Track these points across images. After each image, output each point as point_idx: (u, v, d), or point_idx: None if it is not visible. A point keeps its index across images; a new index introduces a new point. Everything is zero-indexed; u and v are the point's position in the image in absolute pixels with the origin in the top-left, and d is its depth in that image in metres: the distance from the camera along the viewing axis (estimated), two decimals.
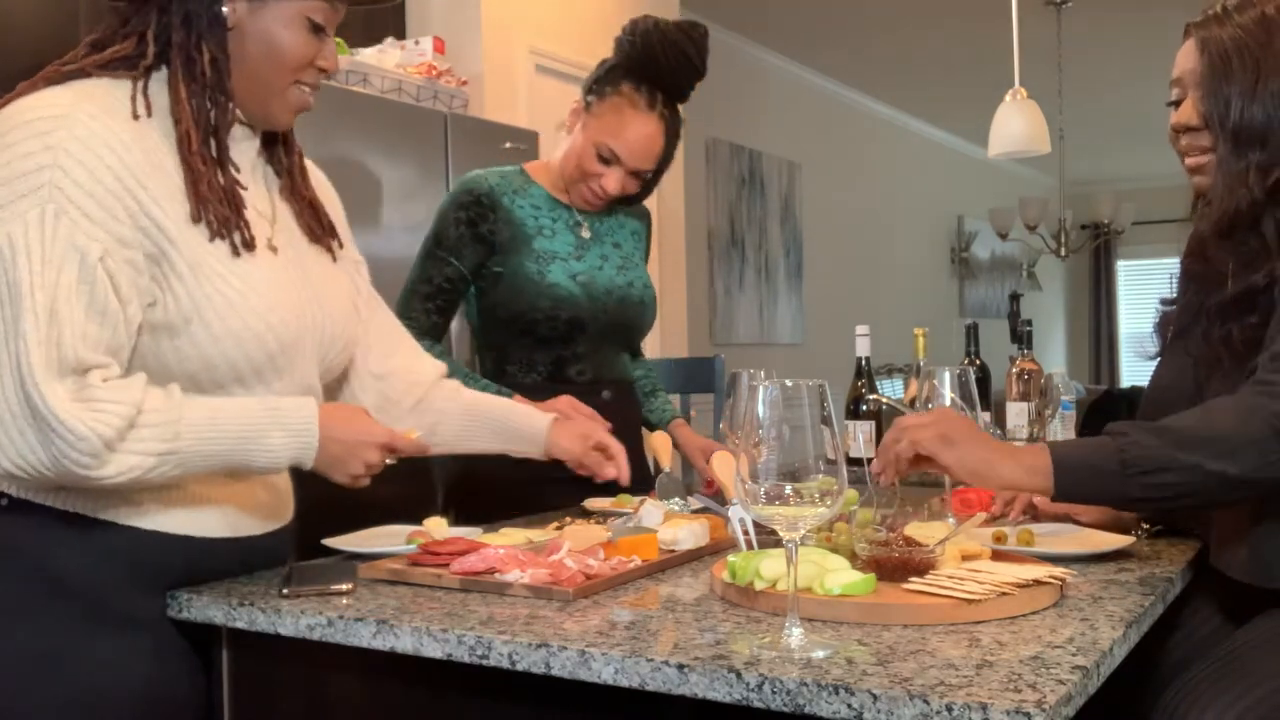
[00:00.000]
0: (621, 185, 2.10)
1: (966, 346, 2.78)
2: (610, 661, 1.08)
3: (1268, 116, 1.40)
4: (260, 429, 1.33)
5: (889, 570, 1.29)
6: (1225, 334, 1.45)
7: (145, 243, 1.29)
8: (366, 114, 2.86)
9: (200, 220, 1.33)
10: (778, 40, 6.81)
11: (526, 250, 2.09)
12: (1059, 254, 7.04)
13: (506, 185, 2.13)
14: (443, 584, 1.39)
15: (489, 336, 2.17)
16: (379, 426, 1.45)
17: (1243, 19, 1.43)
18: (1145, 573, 1.43)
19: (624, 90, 2.07)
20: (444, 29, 3.83)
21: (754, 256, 6.93)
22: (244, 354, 1.35)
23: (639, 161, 2.09)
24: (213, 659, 1.40)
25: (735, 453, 1.22)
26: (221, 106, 1.38)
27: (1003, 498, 1.71)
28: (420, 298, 2.11)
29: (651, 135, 2.09)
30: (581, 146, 2.09)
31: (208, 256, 1.33)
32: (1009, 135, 3.91)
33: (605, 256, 2.18)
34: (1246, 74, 1.41)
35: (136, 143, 1.30)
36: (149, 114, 1.34)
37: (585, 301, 2.11)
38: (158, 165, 1.32)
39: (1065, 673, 1.00)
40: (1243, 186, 1.41)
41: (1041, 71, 5.96)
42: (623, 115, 2.06)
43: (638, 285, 2.21)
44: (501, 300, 2.09)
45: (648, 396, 2.34)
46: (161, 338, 1.32)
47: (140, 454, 1.25)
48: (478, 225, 2.08)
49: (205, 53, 1.36)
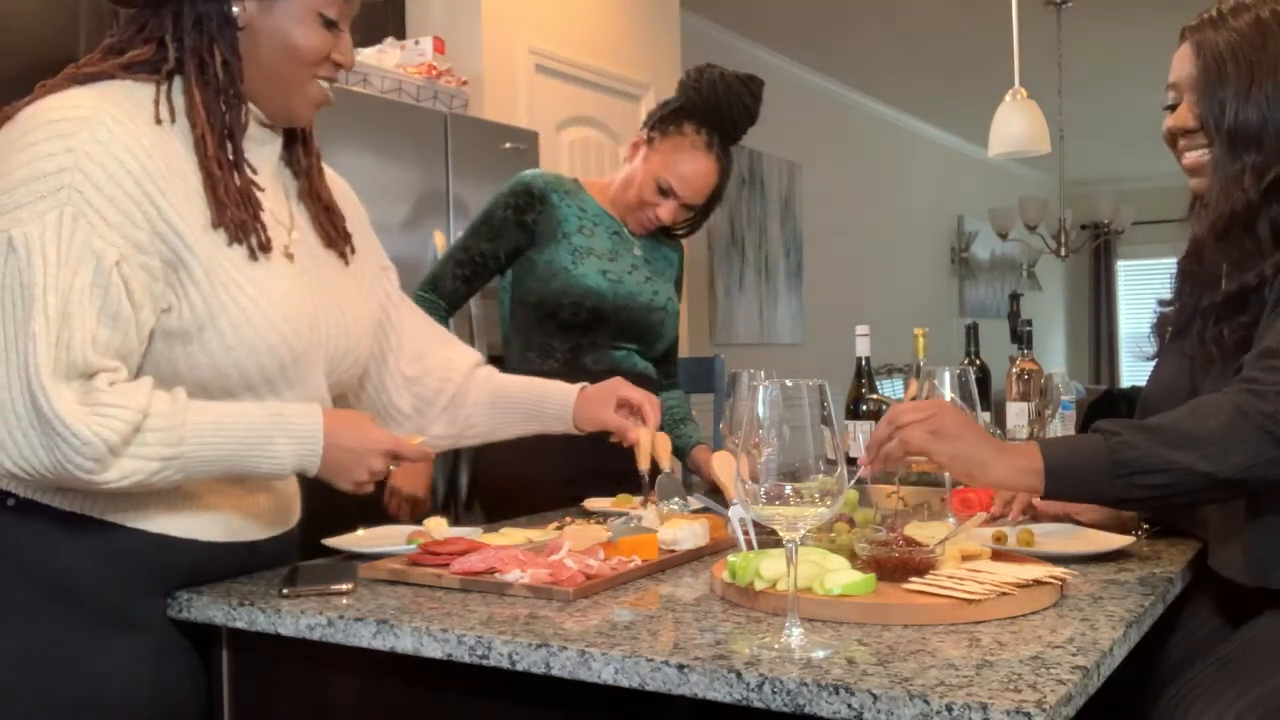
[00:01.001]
0: (674, 216, 2.27)
1: (966, 346, 2.78)
2: (610, 661, 1.08)
3: (1262, 118, 1.41)
4: (265, 435, 1.33)
5: (889, 570, 1.29)
6: (1218, 334, 1.45)
7: (163, 249, 1.29)
8: (366, 114, 2.86)
9: (219, 225, 1.33)
10: (778, 40, 6.81)
11: (565, 243, 2.21)
12: (1059, 254, 7.04)
13: (559, 185, 2.27)
14: (443, 584, 1.39)
15: (516, 322, 2.27)
16: (383, 433, 1.44)
17: (1238, 23, 1.44)
18: (1145, 573, 1.43)
19: (686, 131, 2.22)
20: (444, 29, 3.83)
21: (754, 256, 6.92)
22: (256, 363, 1.35)
23: (694, 197, 2.25)
24: (213, 659, 1.40)
25: (735, 453, 1.22)
26: (235, 109, 1.38)
27: (1002, 498, 1.71)
28: (454, 263, 2.26)
29: (708, 173, 2.24)
30: (642, 178, 2.24)
31: (224, 263, 1.33)
32: (1009, 135, 3.91)
33: (637, 266, 2.30)
34: (1241, 77, 1.42)
35: (158, 148, 1.30)
36: (172, 119, 1.34)
37: (610, 297, 2.21)
38: (178, 171, 1.32)
39: (1065, 673, 1.00)
40: (1238, 188, 1.42)
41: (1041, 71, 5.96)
42: (684, 154, 2.21)
43: (662, 298, 2.32)
44: (533, 286, 2.21)
45: (677, 423, 2.38)
46: (175, 344, 1.32)
47: (143, 459, 1.25)
48: (524, 213, 2.22)
49: (217, 55, 1.36)
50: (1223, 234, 1.45)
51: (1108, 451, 1.31)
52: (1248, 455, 1.27)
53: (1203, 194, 1.51)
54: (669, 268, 2.41)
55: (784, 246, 7.26)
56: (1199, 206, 1.53)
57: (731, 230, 6.70)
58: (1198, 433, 1.30)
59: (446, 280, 2.26)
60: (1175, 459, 1.29)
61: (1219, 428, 1.29)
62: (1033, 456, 1.35)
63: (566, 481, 2.07)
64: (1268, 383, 1.28)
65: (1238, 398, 1.30)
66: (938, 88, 7.98)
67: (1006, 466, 1.36)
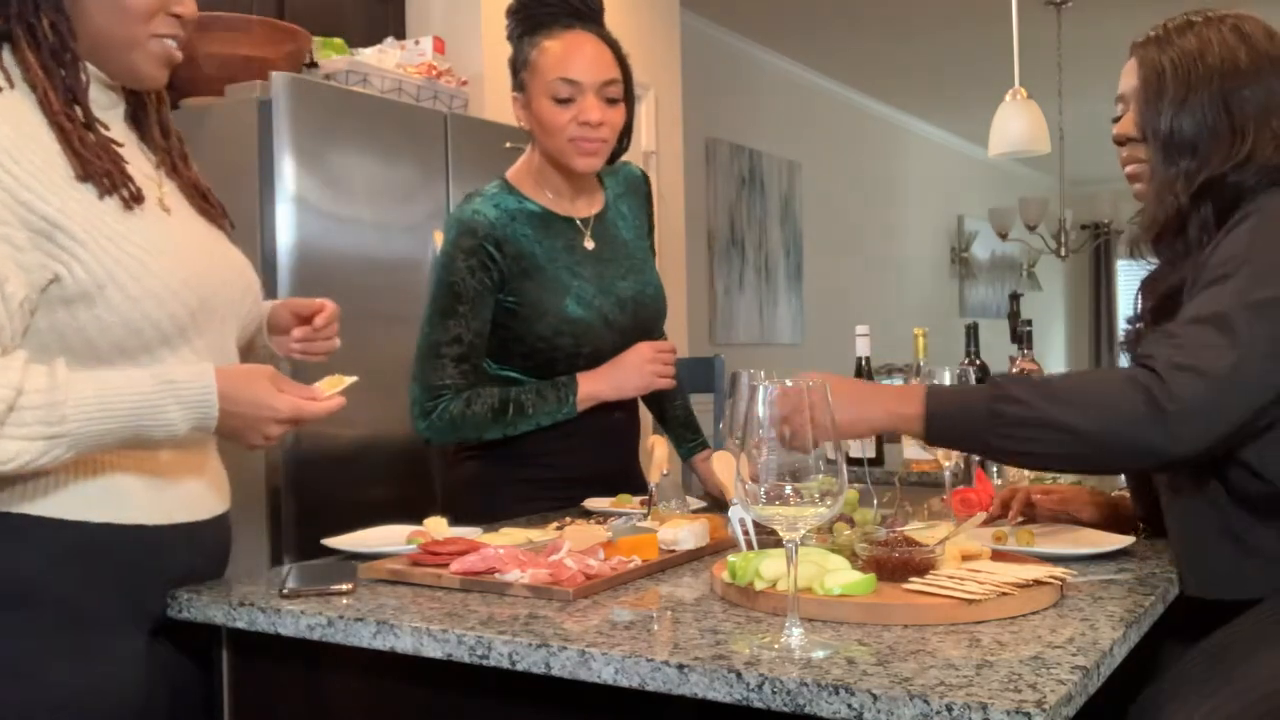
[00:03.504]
0: (601, 111, 1.95)
1: (966, 346, 2.79)
2: (610, 661, 1.08)
3: (1197, 126, 1.46)
4: (154, 404, 1.29)
5: (889, 570, 1.29)
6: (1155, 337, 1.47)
7: (28, 217, 1.25)
8: (366, 114, 2.86)
9: (86, 179, 1.30)
10: (778, 40, 6.81)
11: (539, 282, 1.98)
12: (1059, 254, 7.04)
13: (503, 215, 1.99)
14: (443, 584, 1.39)
15: (502, 363, 2.04)
16: (280, 399, 1.36)
17: (1181, 40, 1.50)
18: (1145, 573, 1.43)
19: (539, 39, 1.98)
20: (444, 29, 3.82)
21: (754, 256, 6.92)
22: (166, 313, 1.33)
23: (597, 73, 1.95)
24: (213, 659, 1.40)
25: (735, 453, 1.22)
26: (71, 67, 1.34)
27: (1000, 498, 1.71)
28: (452, 360, 1.96)
29: (590, 44, 1.96)
30: (539, 109, 1.96)
31: (104, 216, 1.31)
32: (1009, 135, 3.91)
33: (614, 264, 2.09)
34: (1179, 88, 1.47)
35: (2, 118, 1.27)
36: (10, 85, 1.31)
37: (602, 329, 2.02)
38: (29, 135, 1.29)
39: (1065, 673, 1.00)
40: (1171, 193, 1.47)
41: (1041, 71, 5.96)
42: (552, 50, 1.96)
43: (649, 290, 2.14)
44: (518, 335, 1.99)
45: (681, 427, 2.30)
46: (78, 309, 1.29)
47: (25, 439, 1.22)
48: (489, 270, 1.95)
49: (44, 18, 1.33)
50: (1158, 238, 1.50)
51: (989, 400, 1.34)
52: (1126, 423, 1.28)
53: (1143, 199, 1.56)
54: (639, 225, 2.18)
55: (784, 246, 7.25)
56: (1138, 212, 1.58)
57: (731, 230, 6.70)
58: (1085, 393, 1.33)
59: (455, 379, 1.96)
60: (1054, 416, 1.31)
61: (1107, 391, 1.31)
62: (915, 401, 1.38)
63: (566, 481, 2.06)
64: (1160, 357, 1.30)
65: (1133, 369, 1.34)
66: (938, 88, 7.98)
67: (884, 413, 1.40)
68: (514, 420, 1.98)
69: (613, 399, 2.04)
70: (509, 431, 1.99)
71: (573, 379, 2.01)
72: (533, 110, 1.99)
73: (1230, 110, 1.45)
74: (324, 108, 2.70)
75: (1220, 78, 1.45)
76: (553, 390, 2.00)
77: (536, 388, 2.00)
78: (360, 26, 3.60)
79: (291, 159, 2.62)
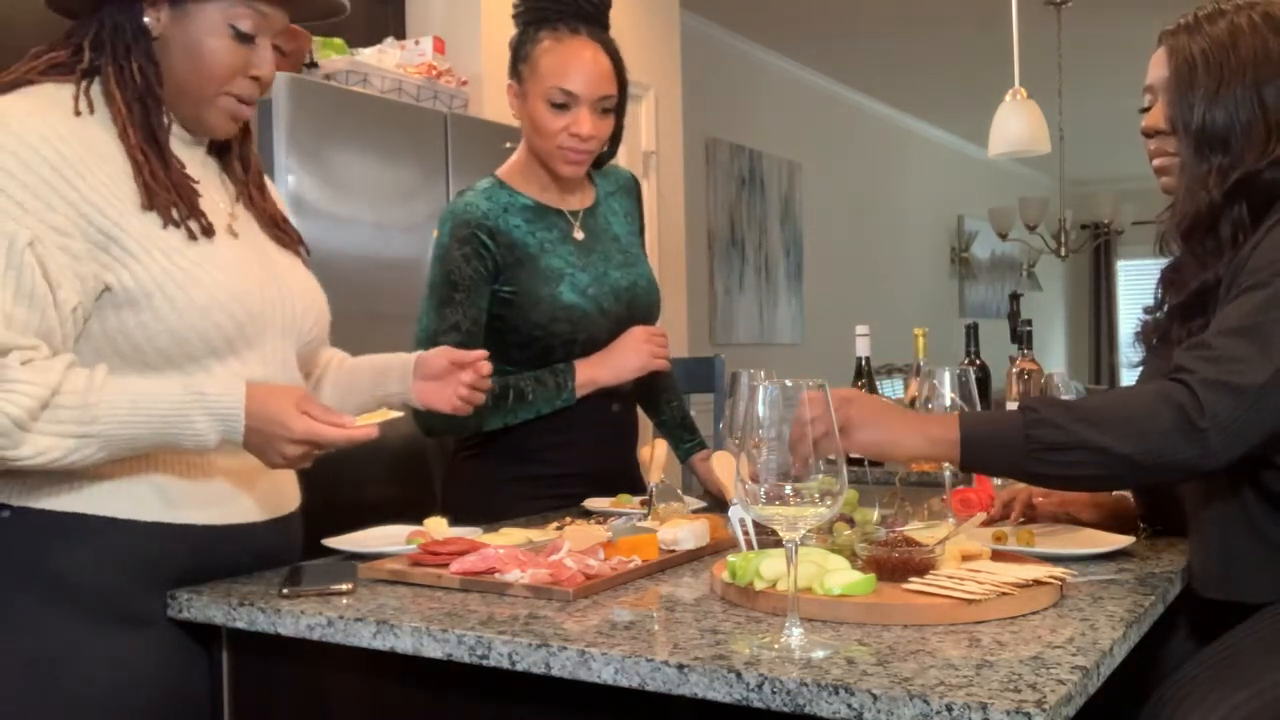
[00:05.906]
0: (593, 124, 1.97)
1: (966, 346, 2.79)
2: (610, 661, 1.08)
3: (1229, 120, 1.44)
4: (183, 414, 1.33)
5: (889, 570, 1.29)
6: (1181, 335, 1.46)
7: (88, 229, 1.31)
8: (366, 114, 2.86)
9: (150, 209, 1.35)
10: (778, 40, 6.81)
11: (533, 270, 2.00)
12: (1059, 254, 7.04)
13: (495, 206, 2.02)
14: (443, 584, 1.39)
15: (498, 356, 1.97)
16: (296, 419, 1.36)
17: (1212, 28, 1.47)
18: (1145, 573, 1.43)
19: (543, 38, 1.98)
20: (444, 29, 3.82)
21: (754, 256, 6.92)
22: (212, 324, 1.37)
23: (595, 87, 1.97)
24: (213, 659, 1.40)
25: (735, 453, 1.22)
26: (155, 111, 1.40)
27: (1001, 499, 1.71)
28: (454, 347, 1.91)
29: (592, 56, 1.97)
30: (533, 110, 1.98)
31: (162, 234, 1.36)
32: (1009, 135, 3.91)
33: (606, 255, 2.10)
34: (1210, 80, 1.45)
35: (76, 135, 1.33)
36: (91, 111, 1.36)
37: (598, 316, 2.03)
38: (100, 154, 1.34)
39: (1065, 673, 1.00)
40: (1203, 188, 1.45)
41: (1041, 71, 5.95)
42: (554, 54, 1.96)
43: (642, 282, 2.14)
44: (513, 325, 2.00)
45: (678, 428, 2.28)
46: (126, 315, 1.34)
47: (57, 436, 1.27)
48: (484, 258, 1.98)
49: (134, 61, 1.38)
50: (1188, 234, 1.48)
51: (1023, 426, 1.33)
52: (1161, 441, 1.28)
53: (1173, 192, 1.54)
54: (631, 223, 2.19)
55: (784, 246, 7.25)
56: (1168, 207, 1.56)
57: (731, 230, 6.70)
58: (1117, 414, 1.32)
59: None
60: (1089, 438, 1.30)
61: (1139, 411, 1.31)
62: (950, 427, 1.37)
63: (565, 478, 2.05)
64: (1193, 371, 1.30)
65: (1165, 385, 1.32)
66: (938, 88, 7.98)
67: (920, 438, 1.38)
68: (514, 408, 1.99)
69: (612, 383, 2.05)
70: (509, 420, 2.00)
71: (570, 365, 2.02)
72: (527, 108, 2.02)
73: (1265, 104, 1.42)
74: (324, 108, 2.70)
75: (1254, 69, 1.43)
76: (551, 376, 2.01)
77: (535, 375, 2.01)
78: (360, 26, 3.60)
79: (292, 159, 2.62)
